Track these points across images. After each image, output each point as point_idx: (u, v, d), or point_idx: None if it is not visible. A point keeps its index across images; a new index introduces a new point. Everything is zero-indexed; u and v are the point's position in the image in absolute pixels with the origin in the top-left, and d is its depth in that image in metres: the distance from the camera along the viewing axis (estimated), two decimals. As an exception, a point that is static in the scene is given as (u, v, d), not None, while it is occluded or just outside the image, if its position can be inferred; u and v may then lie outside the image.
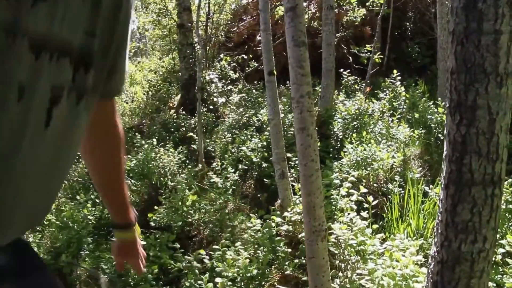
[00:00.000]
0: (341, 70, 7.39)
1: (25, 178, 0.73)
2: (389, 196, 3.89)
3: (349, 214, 2.96)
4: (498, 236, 2.58)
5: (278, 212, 3.45)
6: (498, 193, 1.49)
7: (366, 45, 7.96)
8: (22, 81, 0.65)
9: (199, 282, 2.84)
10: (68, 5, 0.69)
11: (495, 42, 1.40)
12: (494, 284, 2.34)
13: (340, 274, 2.68)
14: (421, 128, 5.30)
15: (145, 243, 3.43)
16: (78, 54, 0.75)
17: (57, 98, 0.73)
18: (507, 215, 2.79)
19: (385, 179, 4.27)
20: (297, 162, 2.30)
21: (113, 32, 0.84)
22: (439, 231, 1.59)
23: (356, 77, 7.73)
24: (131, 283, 3.14)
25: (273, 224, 3.25)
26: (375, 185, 4.18)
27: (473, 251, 1.51)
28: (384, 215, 3.68)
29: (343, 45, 9.04)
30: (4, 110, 0.65)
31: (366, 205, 3.11)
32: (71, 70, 0.74)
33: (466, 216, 1.50)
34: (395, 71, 6.66)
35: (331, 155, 5.09)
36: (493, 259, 2.45)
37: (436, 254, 1.61)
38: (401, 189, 3.96)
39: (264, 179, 4.89)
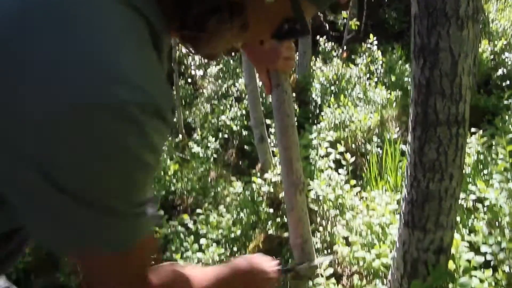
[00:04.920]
0: (318, 37, 7.39)
1: None
2: (368, 157, 3.97)
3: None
4: (470, 185, 2.68)
5: (259, 175, 3.51)
6: (463, 132, 1.55)
7: (343, 11, 7.93)
8: None
9: (184, 244, 2.89)
10: None
11: (455, -15, 1.45)
12: (467, 231, 2.43)
13: (321, 228, 2.77)
14: (397, 91, 5.37)
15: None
16: None
17: None
18: (479, 165, 2.88)
19: (363, 140, 4.35)
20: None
21: None
22: (409, 173, 1.66)
23: (333, 43, 7.74)
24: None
25: (254, 187, 3.31)
26: (353, 146, 4.26)
27: (440, 189, 1.59)
28: (363, 174, 3.76)
29: (319, 13, 9.01)
30: None
31: (344, 163, 3.18)
32: None
33: (432, 156, 1.56)
34: (371, 36, 6.69)
35: (310, 120, 5.15)
36: (465, 205, 2.55)
37: (406, 195, 1.68)
38: (379, 149, 4.04)
39: (245, 146, 4.94)
